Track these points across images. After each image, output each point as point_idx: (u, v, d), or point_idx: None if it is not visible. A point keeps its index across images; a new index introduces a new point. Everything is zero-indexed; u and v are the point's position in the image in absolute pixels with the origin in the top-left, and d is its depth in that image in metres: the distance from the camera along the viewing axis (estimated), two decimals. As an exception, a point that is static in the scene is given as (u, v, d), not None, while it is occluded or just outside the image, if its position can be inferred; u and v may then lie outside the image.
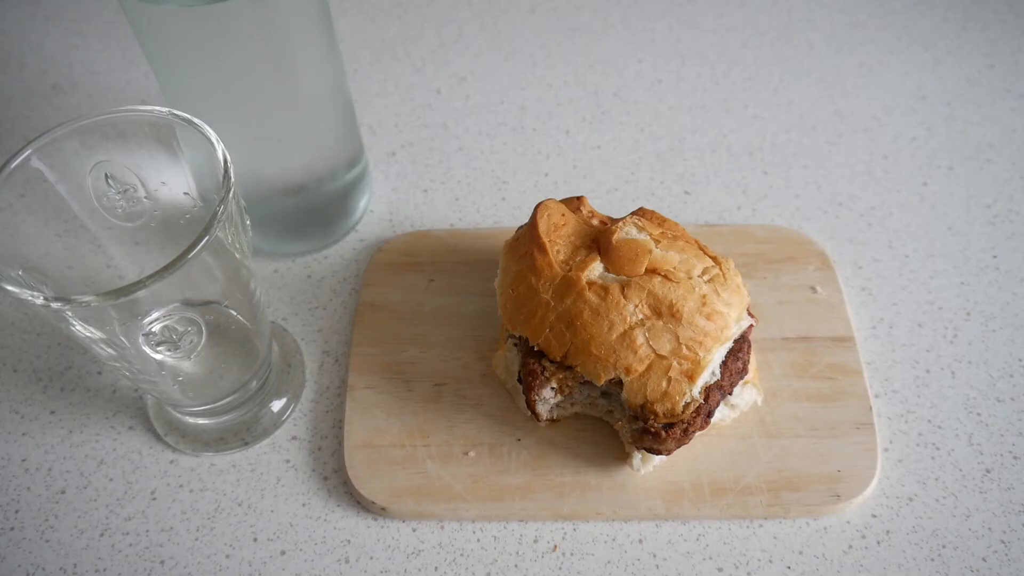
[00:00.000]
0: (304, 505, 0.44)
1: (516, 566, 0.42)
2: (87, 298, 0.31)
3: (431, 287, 0.51)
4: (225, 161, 0.35)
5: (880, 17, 0.68)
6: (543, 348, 0.41)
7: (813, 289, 0.49)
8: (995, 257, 0.52)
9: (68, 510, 0.44)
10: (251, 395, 0.45)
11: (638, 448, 0.41)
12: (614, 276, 0.41)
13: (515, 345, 0.44)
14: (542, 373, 0.41)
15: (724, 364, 0.41)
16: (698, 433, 0.40)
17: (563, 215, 0.44)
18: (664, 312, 0.39)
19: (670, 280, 0.40)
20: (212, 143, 0.36)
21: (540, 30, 0.69)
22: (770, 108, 0.62)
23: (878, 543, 0.41)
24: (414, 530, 0.43)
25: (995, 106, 0.61)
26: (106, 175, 0.39)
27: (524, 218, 0.55)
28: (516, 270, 0.43)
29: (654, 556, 0.42)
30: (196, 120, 0.36)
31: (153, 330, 0.39)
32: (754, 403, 0.45)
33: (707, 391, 0.40)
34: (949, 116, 0.61)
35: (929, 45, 0.66)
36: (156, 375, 0.40)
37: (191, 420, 0.46)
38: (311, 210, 0.52)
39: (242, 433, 0.46)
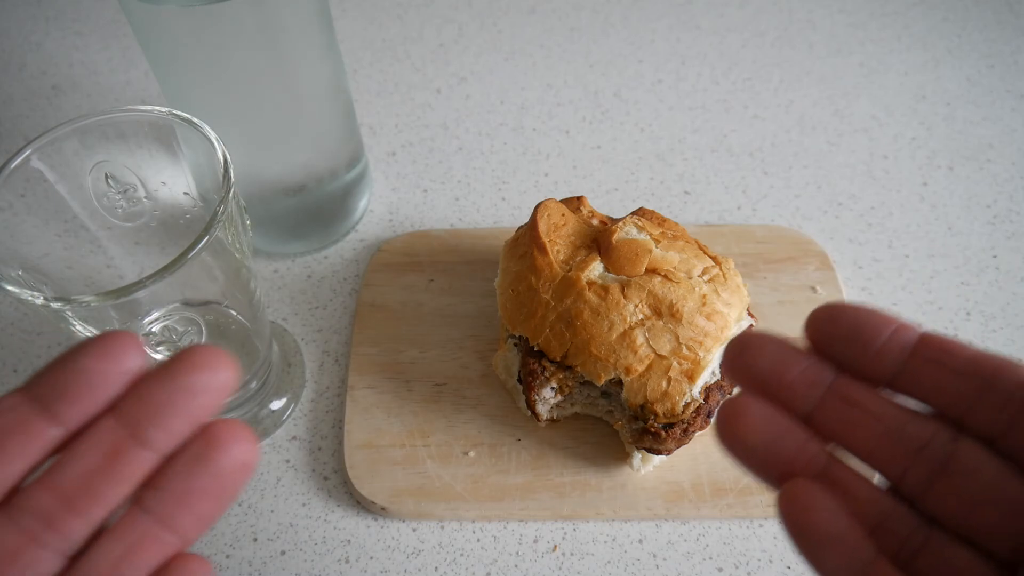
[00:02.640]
0: (304, 505, 0.44)
1: (516, 566, 0.42)
2: (87, 298, 0.31)
3: (431, 287, 0.51)
4: (225, 161, 0.35)
5: (880, 17, 0.68)
6: (543, 348, 0.41)
7: (813, 289, 0.49)
8: (995, 257, 0.52)
9: (68, 510, 0.44)
10: (251, 395, 0.45)
11: (638, 448, 0.41)
12: (614, 276, 0.41)
13: (515, 345, 0.44)
14: (542, 373, 0.41)
15: (724, 364, 0.41)
16: (698, 433, 0.40)
17: (563, 215, 0.44)
18: (664, 312, 0.39)
19: (670, 280, 0.40)
20: (212, 143, 0.36)
21: (540, 30, 0.69)
22: (770, 108, 0.62)
23: (878, 543, 0.41)
24: (414, 530, 0.43)
25: (995, 106, 0.61)
26: (106, 175, 0.39)
27: (524, 218, 0.55)
28: (516, 270, 0.43)
29: (654, 556, 0.42)
30: (196, 120, 0.36)
31: (153, 330, 0.39)
32: (754, 403, 0.44)
33: (707, 391, 0.40)
34: (949, 116, 0.61)
35: (929, 45, 0.66)
36: (156, 375, 0.40)
37: (191, 420, 0.46)
38: (311, 210, 0.52)
39: (242, 433, 0.46)
